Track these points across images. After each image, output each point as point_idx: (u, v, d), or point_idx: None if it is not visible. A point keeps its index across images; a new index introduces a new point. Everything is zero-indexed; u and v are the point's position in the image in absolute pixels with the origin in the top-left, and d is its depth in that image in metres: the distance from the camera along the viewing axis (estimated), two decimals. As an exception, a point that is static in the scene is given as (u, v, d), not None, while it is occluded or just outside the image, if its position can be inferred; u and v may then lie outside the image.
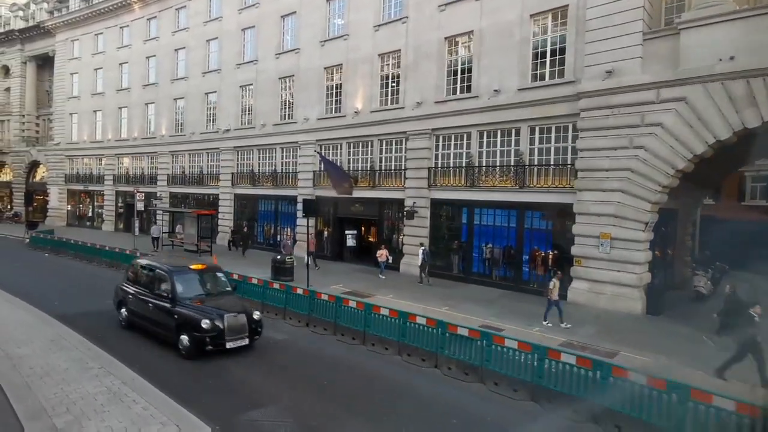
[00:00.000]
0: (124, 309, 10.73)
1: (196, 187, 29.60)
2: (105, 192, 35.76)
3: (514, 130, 16.36)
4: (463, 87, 17.76)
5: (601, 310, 13.20)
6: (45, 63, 42.16)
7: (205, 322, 8.71)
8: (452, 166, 18.10)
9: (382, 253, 16.99)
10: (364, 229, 23.64)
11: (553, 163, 15.41)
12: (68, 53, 38.34)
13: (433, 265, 18.44)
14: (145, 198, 26.81)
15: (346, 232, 21.27)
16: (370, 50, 20.64)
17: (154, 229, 25.20)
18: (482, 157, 17.30)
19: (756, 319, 8.77)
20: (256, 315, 9.59)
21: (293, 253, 18.38)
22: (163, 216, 27.70)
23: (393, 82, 20.10)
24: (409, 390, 7.91)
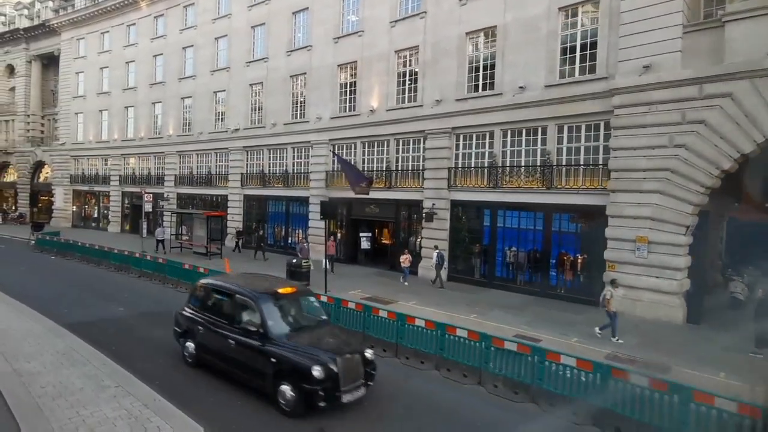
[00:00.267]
0: (190, 342, 8.42)
1: (204, 187, 28.99)
2: (111, 193, 35.21)
3: (541, 129, 15.67)
4: (486, 84, 17.08)
5: (639, 319, 12.49)
6: (50, 62, 41.65)
7: (317, 370, 6.50)
8: (474, 166, 17.42)
9: (405, 259, 16.28)
10: (378, 232, 23.07)
11: (583, 163, 14.71)
12: (74, 52, 37.82)
13: (453, 269, 17.85)
14: (153, 199, 26.22)
15: (361, 235, 20.58)
16: (386, 47, 19.98)
17: (159, 231, 24.63)
18: (506, 156, 16.61)
19: None
20: (369, 353, 7.32)
21: (309, 256, 17.73)
22: (172, 217, 27.08)
23: (410, 79, 19.44)
24: (454, 409, 7.23)
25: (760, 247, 18.56)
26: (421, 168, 18.86)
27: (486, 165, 17.02)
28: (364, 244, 20.42)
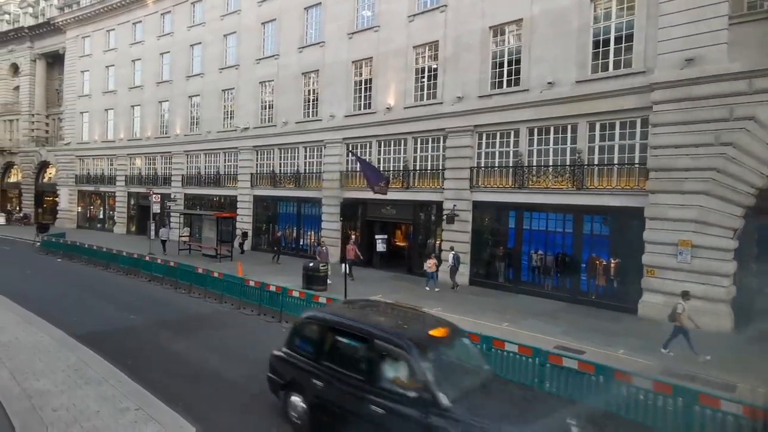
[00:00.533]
0: (299, 399, 6.18)
1: (213, 188, 28.33)
2: (117, 193, 34.59)
3: (570, 126, 14.92)
4: (511, 80, 16.35)
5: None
6: (55, 61, 41.13)
7: None
8: (497, 165, 16.69)
9: (432, 264, 15.52)
10: (393, 234, 22.37)
11: (617, 162, 13.95)
12: (79, 50, 37.24)
13: (475, 272, 17.15)
14: (161, 200, 25.58)
15: (376, 237, 19.86)
16: (404, 42, 19.26)
17: (163, 232, 23.95)
18: (532, 155, 15.87)
19: None
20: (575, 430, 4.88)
21: (329, 261, 17.05)
22: (180, 218, 26.43)
23: (429, 75, 18.71)
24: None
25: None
26: (441, 168, 18.14)
27: (511, 164, 16.28)
28: (380, 247, 19.71)
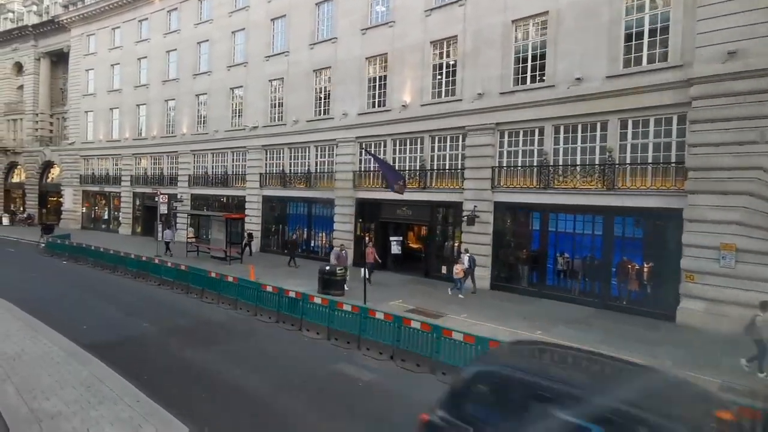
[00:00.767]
0: None
1: (221, 188, 27.73)
2: (122, 194, 34.03)
3: (600, 124, 14.25)
4: (535, 76, 15.68)
5: (728, 337, 11.04)
6: (59, 59, 40.60)
7: None
8: (521, 165, 16.02)
9: (460, 269, 14.83)
10: (408, 235, 21.73)
11: (652, 161, 13.27)
12: (83, 49, 36.71)
13: (497, 276, 16.49)
14: (168, 200, 25.00)
15: (391, 239, 19.06)
16: (421, 37, 18.62)
17: (168, 233, 23.37)
18: (557, 154, 15.21)
19: None
20: None
21: (347, 264, 16.44)
22: (188, 219, 25.84)
23: (448, 72, 18.06)
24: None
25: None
26: (460, 167, 17.49)
27: (535, 164, 15.62)
28: (395, 249, 18.94)
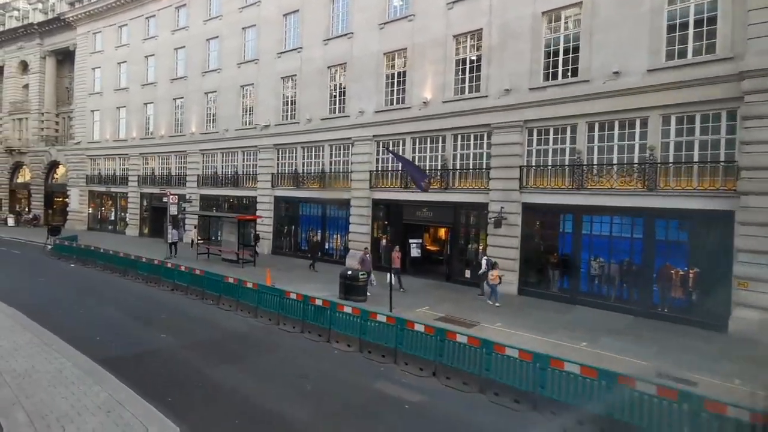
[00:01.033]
0: None
1: (230, 188, 27.03)
2: (129, 194, 33.39)
3: (640, 120, 13.45)
4: (567, 70, 14.89)
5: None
6: (65, 58, 40.03)
7: None
8: (551, 164, 15.23)
9: (495, 275, 14.02)
10: (428, 238, 20.98)
11: (698, 160, 12.47)
12: (90, 47, 36.09)
13: (525, 281, 15.72)
14: (177, 200, 24.32)
15: (410, 241, 18.23)
16: (443, 31, 17.84)
17: (174, 234, 22.71)
18: (592, 153, 14.42)
19: None
20: None
21: (371, 269, 15.71)
22: (198, 220, 25.15)
23: (472, 67, 17.28)
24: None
25: None
26: (485, 167, 16.72)
27: (567, 163, 14.83)
28: (414, 252, 18.15)
